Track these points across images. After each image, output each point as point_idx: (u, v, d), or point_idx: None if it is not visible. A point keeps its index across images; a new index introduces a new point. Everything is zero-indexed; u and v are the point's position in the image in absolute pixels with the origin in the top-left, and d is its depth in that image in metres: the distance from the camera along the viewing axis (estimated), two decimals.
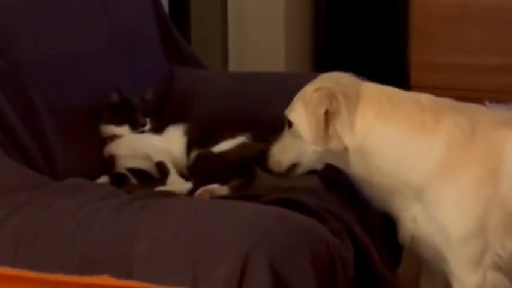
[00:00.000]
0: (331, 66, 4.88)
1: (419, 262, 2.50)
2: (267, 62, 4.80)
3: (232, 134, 2.51)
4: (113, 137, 2.56)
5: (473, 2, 5.24)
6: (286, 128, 2.25)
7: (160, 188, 2.35)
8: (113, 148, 2.55)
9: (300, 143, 2.20)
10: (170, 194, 2.18)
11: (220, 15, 4.94)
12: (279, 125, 2.52)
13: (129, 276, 1.83)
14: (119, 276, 1.84)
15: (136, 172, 2.52)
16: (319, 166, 2.26)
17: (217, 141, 2.49)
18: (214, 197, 2.23)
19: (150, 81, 2.87)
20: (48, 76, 2.44)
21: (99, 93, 2.58)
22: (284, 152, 2.25)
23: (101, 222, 1.90)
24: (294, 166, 2.25)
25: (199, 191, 2.27)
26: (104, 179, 2.45)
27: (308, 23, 5.44)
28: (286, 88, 2.94)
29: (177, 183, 2.41)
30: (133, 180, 2.51)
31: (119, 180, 2.46)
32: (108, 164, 2.54)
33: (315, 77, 3.42)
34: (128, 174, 2.51)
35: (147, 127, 2.58)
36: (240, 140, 2.50)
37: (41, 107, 2.38)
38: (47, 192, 2.02)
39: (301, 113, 2.19)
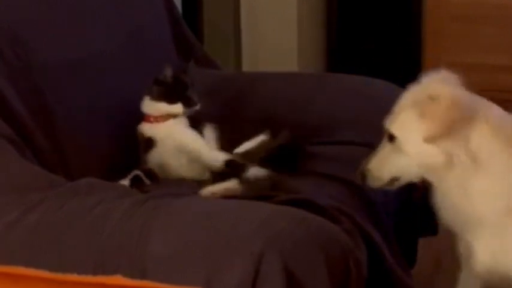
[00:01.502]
0: (344, 66, 4.90)
1: (434, 263, 2.49)
2: (280, 62, 4.79)
3: (252, 134, 2.51)
4: (160, 117, 2.49)
5: (487, 1, 5.23)
6: (385, 141, 2.14)
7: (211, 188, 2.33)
8: (156, 131, 2.50)
9: (401, 157, 2.09)
10: (183, 194, 2.19)
11: (233, 15, 4.94)
12: (292, 124, 2.54)
13: (142, 276, 1.83)
14: (132, 276, 1.84)
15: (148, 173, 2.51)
16: (418, 179, 2.13)
17: (238, 143, 2.49)
18: (227, 196, 2.23)
19: None
20: (61, 76, 2.44)
21: (112, 93, 2.59)
22: (384, 167, 2.13)
23: (114, 222, 1.90)
24: (393, 180, 2.15)
25: (211, 188, 2.28)
26: (125, 182, 2.43)
27: (321, 22, 5.44)
28: (299, 88, 2.95)
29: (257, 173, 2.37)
30: (147, 182, 2.50)
31: (137, 182, 2.45)
32: (142, 145, 2.50)
33: (327, 77, 3.42)
34: (143, 176, 2.50)
35: (198, 107, 2.52)
36: (260, 138, 2.50)
37: (54, 107, 2.38)
38: (60, 192, 2.02)
39: (410, 124, 2.05)
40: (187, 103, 2.51)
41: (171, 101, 2.50)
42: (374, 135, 2.68)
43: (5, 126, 2.17)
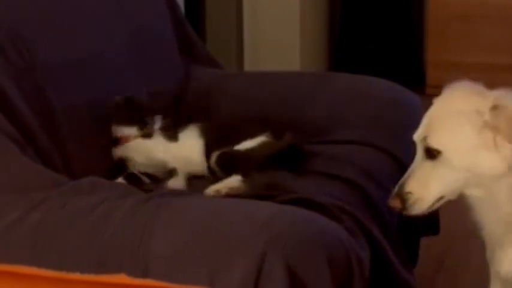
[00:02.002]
0: (346, 66, 4.90)
1: (437, 263, 2.47)
2: (282, 61, 4.80)
3: (252, 133, 2.52)
4: (123, 139, 2.55)
5: (488, 1, 5.23)
6: (420, 157, 1.99)
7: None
8: (124, 151, 2.55)
9: (450, 172, 1.95)
10: (185, 193, 2.19)
11: (235, 15, 4.94)
12: (293, 123, 2.52)
13: (145, 274, 1.83)
14: (135, 275, 1.84)
15: (147, 175, 2.53)
16: (455, 196, 2.01)
17: (237, 141, 2.50)
18: (230, 195, 2.23)
19: (166, 81, 2.87)
20: (64, 76, 2.44)
21: (114, 93, 2.59)
22: (428, 186, 1.97)
23: (116, 221, 1.90)
24: (438, 200, 1.99)
25: (215, 187, 2.29)
26: (120, 180, 2.45)
27: (323, 22, 5.44)
28: (300, 87, 2.95)
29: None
30: (146, 180, 2.51)
31: (135, 180, 2.46)
32: (118, 166, 2.55)
33: (329, 76, 3.42)
34: (140, 175, 2.51)
35: (157, 125, 2.56)
36: (261, 139, 2.51)
37: (57, 107, 2.38)
38: (62, 191, 2.02)
39: (459, 136, 1.93)
40: (141, 125, 2.54)
41: (127, 124, 2.53)
42: (375, 134, 2.69)
43: (8, 125, 2.17)
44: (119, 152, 2.55)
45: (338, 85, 2.97)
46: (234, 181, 2.33)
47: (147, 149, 2.54)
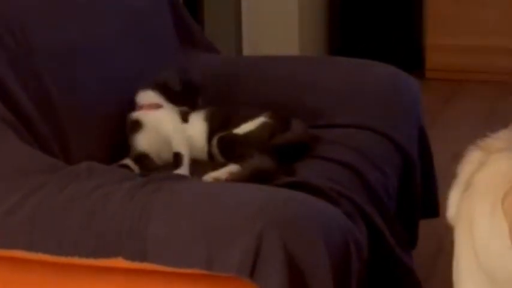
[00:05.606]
0: (345, 49, 4.88)
1: (437, 245, 2.47)
2: (281, 46, 4.79)
3: (251, 116, 2.52)
4: (150, 106, 2.56)
5: None
6: None
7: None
8: (144, 117, 2.55)
9: None
10: (184, 177, 2.19)
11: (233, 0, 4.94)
12: (291, 107, 2.51)
13: (143, 258, 1.84)
14: (133, 258, 1.85)
15: (140, 159, 2.52)
16: None
17: (237, 124, 2.50)
18: (228, 181, 2.24)
19: (164, 66, 2.87)
20: (61, 61, 2.44)
21: (112, 78, 2.59)
22: None
23: (115, 205, 1.90)
24: None
25: (214, 174, 2.29)
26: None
27: (322, 6, 5.43)
28: (299, 71, 2.95)
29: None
30: (136, 170, 2.50)
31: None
32: (129, 127, 2.56)
33: (327, 60, 3.41)
34: (133, 166, 2.50)
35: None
36: (260, 120, 2.51)
37: (54, 93, 2.38)
38: (61, 176, 2.02)
39: None
40: (192, 106, 2.60)
41: (177, 104, 2.58)
42: (373, 118, 2.69)
43: (5, 111, 2.17)
44: (137, 116, 2.55)
45: (337, 69, 2.97)
46: (233, 168, 2.32)
47: (161, 121, 2.54)
